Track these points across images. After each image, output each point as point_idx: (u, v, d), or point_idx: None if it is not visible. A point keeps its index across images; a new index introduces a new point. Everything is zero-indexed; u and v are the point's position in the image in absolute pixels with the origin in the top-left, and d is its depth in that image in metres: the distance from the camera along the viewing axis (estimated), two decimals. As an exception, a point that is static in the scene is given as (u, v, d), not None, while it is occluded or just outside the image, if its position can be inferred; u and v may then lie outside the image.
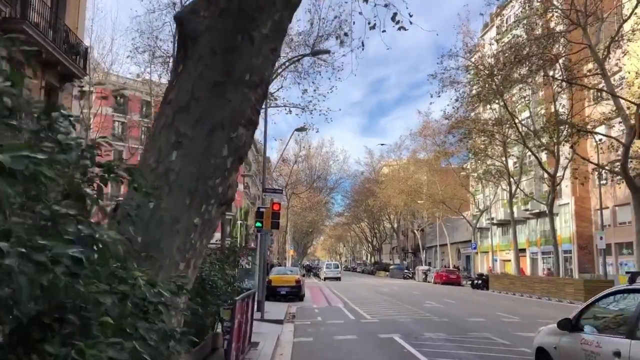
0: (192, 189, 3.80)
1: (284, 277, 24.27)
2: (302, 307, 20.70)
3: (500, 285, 35.97)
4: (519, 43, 25.57)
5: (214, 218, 4.01)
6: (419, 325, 14.67)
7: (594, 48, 25.09)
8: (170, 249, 3.77)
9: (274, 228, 15.98)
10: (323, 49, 19.01)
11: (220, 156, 3.94)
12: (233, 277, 9.75)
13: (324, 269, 57.44)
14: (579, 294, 25.31)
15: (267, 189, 16.80)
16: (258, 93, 4.03)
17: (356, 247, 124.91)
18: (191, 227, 3.84)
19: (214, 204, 3.97)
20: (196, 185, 3.82)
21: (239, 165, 4.06)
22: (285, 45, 26.30)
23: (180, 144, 3.87)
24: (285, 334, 13.08)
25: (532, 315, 18.38)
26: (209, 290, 7.47)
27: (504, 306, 22.70)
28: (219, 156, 3.93)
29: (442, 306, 21.61)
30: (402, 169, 62.72)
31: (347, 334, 12.84)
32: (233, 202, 18.38)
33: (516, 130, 33.45)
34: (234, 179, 4.02)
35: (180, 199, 3.81)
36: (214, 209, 3.98)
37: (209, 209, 3.96)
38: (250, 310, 9.92)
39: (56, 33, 16.97)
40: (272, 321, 15.29)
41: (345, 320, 16.11)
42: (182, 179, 3.80)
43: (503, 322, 15.59)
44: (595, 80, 27.52)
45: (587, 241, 41.30)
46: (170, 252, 3.78)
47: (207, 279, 7.49)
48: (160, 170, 3.82)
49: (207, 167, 3.87)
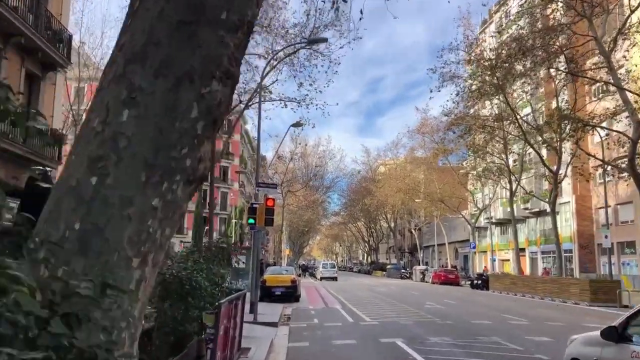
0: (149, 160, 2.83)
1: (279, 277, 23.36)
2: (297, 309, 19.79)
3: (500, 286, 35.14)
4: (523, 35, 24.74)
5: (179, 200, 3.05)
6: (422, 328, 13.78)
7: (600, 40, 24.32)
8: (119, 239, 2.78)
9: (267, 225, 15.07)
10: (320, 37, 18.15)
11: (187, 118, 2.99)
12: (221, 277, 8.82)
13: (321, 269, 56.73)
14: (584, 295, 24.50)
15: (261, 183, 15.87)
16: (238, 37, 3.04)
17: (352, 247, 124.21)
18: (148, 210, 2.87)
19: (179, 181, 3.00)
20: (155, 156, 2.85)
21: (214, 131, 3.11)
22: (280, 38, 25.46)
23: (134, 100, 2.90)
24: (280, 338, 12.17)
25: (540, 317, 17.52)
26: (190, 291, 6.56)
27: (507, 307, 21.85)
28: (186, 118, 2.97)
29: (444, 307, 20.74)
30: (399, 167, 61.93)
31: (346, 338, 11.93)
32: (228, 200, 17.24)
33: (518, 127, 32.62)
34: (207, 150, 3.08)
35: (133, 174, 2.83)
36: (180, 188, 3.01)
37: (172, 188, 2.98)
38: (240, 313, 9.01)
39: (37, 19, 16.01)
40: (265, 324, 14.39)
41: (344, 323, 15.21)
42: (136, 147, 2.82)
43: (511, 325, 14.70)
44: (600, 74, 26.72)
45: (588, 240, 40.64)
46: (119, 244, 2.79)
47: (190, 279, 6.57)
48: (106, 135, 2.84)
49: (170, 133, 2.91)
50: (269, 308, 18.26)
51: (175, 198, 2.98)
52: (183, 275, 6.44)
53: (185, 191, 3.00)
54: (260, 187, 15.54)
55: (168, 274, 6.28)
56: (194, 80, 2.99)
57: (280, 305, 19.82)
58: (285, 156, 50.42)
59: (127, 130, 2.87)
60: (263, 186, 15.63)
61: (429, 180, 55.83)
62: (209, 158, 3.10)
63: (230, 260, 10.92)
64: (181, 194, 2.98)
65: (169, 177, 2.98)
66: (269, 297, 21.77)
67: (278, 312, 17.15)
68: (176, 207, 2.99)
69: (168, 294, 6.30)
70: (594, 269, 38.91)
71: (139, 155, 2.88)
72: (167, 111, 2.96)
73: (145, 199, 2.90)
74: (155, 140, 2.91)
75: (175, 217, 2.97)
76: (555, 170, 32.00)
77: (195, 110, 3.03)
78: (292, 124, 29.79)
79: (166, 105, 2.95)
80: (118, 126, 2.85)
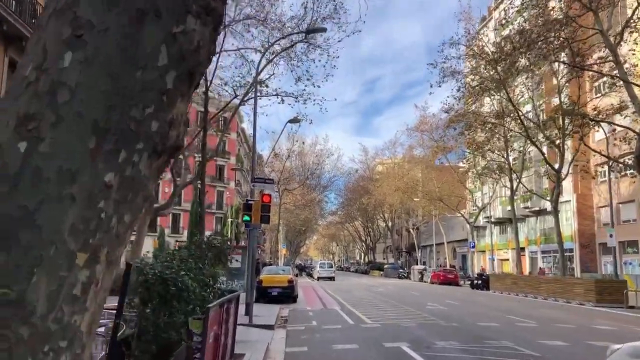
0: (100, 121, 2.04)
1: (275, 277, 22.61)
2: (295, 310, 19.06)
3: (501, 286, 34.48)
4: (527, 29, 24.06)
5: (143, 176, 2.26)
6: (427, 331, 13.06)
7: (606, 33, 23.68)
8: (58, 228, 1.94)
9: (263, 222, 14.31)
10: (319, 26, 17.39)
11: (153, 66, 2.18)
12: (212, 277, 8.09)
13: (318, 269, 56.09)
14: (589, 295, 23.85)
15: (257, 178, 15.12)
16: (220, -43, 2.19)
17: (349, 247, 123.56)
18: (99, 189, 2.05)
19: (142, 150, 2.20)
20: (108, 116, 2.06)
21: (190, 87, 2.35)
22: (277, 31, 24.69)
23: (79, 40, 2.10)
24: (276, 342, 11.43)
25: (547, 318, 16.82)
26: (176, 294, 5.82)
27: (511, 308, 21.17)
28: (151, 66, 2.17)
29: (446, 308, 20.04)
30: (398, 166, 61.29)
31: (347, 342, 11.19)
32: (224, 199, 16.09)
33: (520, 123, 31.97)
34: (182, 112, 2.31)
35: (77, 139, 2.01)
36: (143, 161, 2.21)
37: (133, 160, 2.17)
38: (233, 316, 8.27)
39: (21, 5, 15.22)
40: (261, 326, 13.65)
41: (344, 325, 14.47)
42: (82, 103, 2.02)
43: (519, 328, 13.98)
44: (605, 68, 26.08)
45: (589, 239, 40.10)
46: (58, 235, 1.95)
47: (175, 281, 5.83)
48: (42, 86, 2.04)
49: (130, 85, 2.11)
50: (265, 309, 17.53)
51: (137, 173, 2.21)
52: (168, 276, 5.70)
53: (151, 165, 2.23)
54: (256, 182, 14.80)
55: (151, 274, 5.54)
56: (161, 15, 2.20)
57: (277, 306, 19.09)
58: (283, 153, 49.71)
59: (69, 80, 2.08)
60: (259, 182, 14.89)
61: (428, 178, 55.24)
62: (185, 123, 2.35)
63: (223, 259, 10.14)
64: (145, 168, 2.20)
65: (128, 144, 2.19)
66: (265, 297, 21.07)
67: (275, 314, 16.42)
68: (139, 186, 2.22)
69: (151, 296, 5.56)
70: (595, 268, 38.36)
71: (85, 114, 2.11)
72: (124, 55, 2.17)
73: (94, 174, 2.11)
74: (109, 94, 2.14)
75: (138, 199, 2.21)
76: (558, 168, 31.38)
77: (164, 55, 2.23)
78: (289, 120, 29.09)
79: (124, 47, 2.16)
80: (58, 74, 2.06)
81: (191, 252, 7.53)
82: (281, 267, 29.52)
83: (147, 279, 5.48)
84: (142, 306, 5.53)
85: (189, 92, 2.32)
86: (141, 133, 2.12)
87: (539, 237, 45.41)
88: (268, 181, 15.38)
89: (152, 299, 5.63)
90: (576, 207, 40.50)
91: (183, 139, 2.42)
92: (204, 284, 7.86)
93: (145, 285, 5.54)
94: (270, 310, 17.29)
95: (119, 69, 2.07)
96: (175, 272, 5.95)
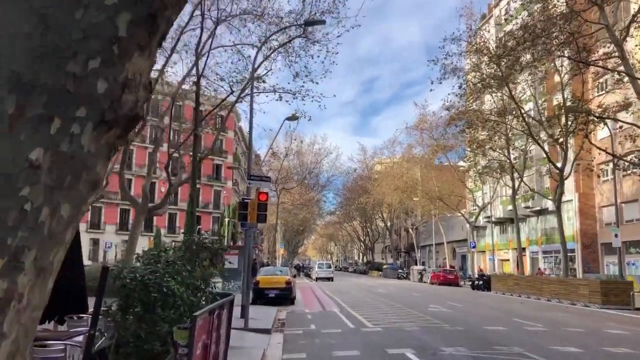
0: (23, 75, 1.33)
1: (273, 277, 21.98)
2: (293, 312, 18.43)
3: (503, 286, 33.90)
4: (531, 24, 23.48)
5: (87, 154, 1.61)
6: (431, 335, 12.43)
7: (612, 28, 23.13)
8: None
9: (260, 221, 13.68)
10: (318, 19, 16.78)
11: (99, 5, 1.51)
12: (204, 280, 7.46)
13: (316, 269, 55.53)
14: (594, 297, 23.26)
15: (253, 176, 14.46)
16: None
17: (348, 247, 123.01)
18: (21, 170, 1.33)
19: (84, 119, 1.55)
20: (34, 68, 1.36)
21: (153, 38, 1.71)
22: (274, 25, 24.05)
23: None
24: (273, 348, 10.80)
25: (556, 321, 16.21)
26: (160, 300, 5.19)
27: (516, 310, 20.58)
28: (96, 5, 1.49)
29: (450, 310, 19.43)
30: (397, 165, 60.73)
31: (348, 349, 10.55)
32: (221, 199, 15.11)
33: (522, 121, 31.40)
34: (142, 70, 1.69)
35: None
36: (87, 133, 1.57)
37: (72, 131, 1.50)
38: (225, 322, 7.64)
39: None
40: (257, 330, 13.02)
41: (344, 329, 13.84)
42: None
43: (529, 332, 13.36)
44: (610, 64, 25.50)
45: (591, 239, 39.58)
46: None
47: (159, 285, 5.20)
48: None
49: (67, 28, 1.40)
50: (261, 312, 16.91)
51: (78, 150, 1.59)
52: (150, 280, 5.07)
53: (98, 139, 1.62)
54: (252, 180, 14.16)
55: (129, 279, 4.91)
56: None
57: (274, 308, 18.46)
58: (280, 151, 49.11)
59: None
60: (255, 179, 14.25)
61: (427, 177, 54.68)
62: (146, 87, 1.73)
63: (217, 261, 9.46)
64: (89, 143, 1.60)
65: (64, 110, 1.57)
66: (262, 299, 20.47)
67: (272, 317, 15.79)
68: (80, 167, 1.59)
69: (130, 304, 4.94)
70: (597, 269, 37.83)
71: (1, 65, 1.51)
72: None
73: (14, 149, 1.48)
74: (36, 39, 1.53)
75: (81, 185, 1.58)
76: (561, 167, 30.83)
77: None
78: (287, 117, 28.45)
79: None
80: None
81: (179, 254, 6.87)
82: (279, 267, 28.89)
83: (124, 284, 4.87)
84: (121, 315, 4.91)
85: (151, 44, 1.68)
86: (82, 95, 1.51)
87: (540, 237, 44.89)
88: (265, 179, 14.74)
89: (132, 306, 5.00)
90: (578, 206, 39.98)
91: (143, 107, 1.78)
92: (194, 288, 7.24)
93: (123, 292, 4.92)
94: (267, 313, 16.67)
95: (52, 6, 1.46)
96: (160, 276, 5.32)
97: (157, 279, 5.20)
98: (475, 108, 33.88)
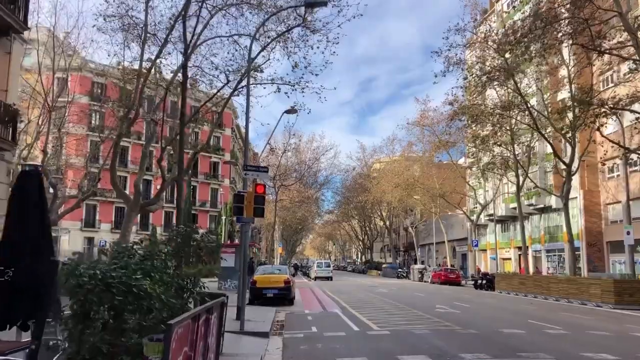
0: None
1: (271, 277, 20.86)
2: (292, 313, 17.32)
3: (508, 286, 32.83)
4: (542, 10, 22.44)
5: None
6: (444, 339, 11.34)
7: (625, 16, 22.14)
8: None
9: (257, 215, 12.56)
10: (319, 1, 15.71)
11: None
12: (191, 279, 6.37)
13: (315, 268, 54.45)
14: (607, 296, 22.19)
15: (250, 166, 13.36)
16: None
17: (346, 246, 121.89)
18: None
19: None
20: None
21: None
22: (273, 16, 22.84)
23: None
24: (271, 354, 9.69)
25: (576, 323, 15.08)
26: (130, 303, 4.09)
27: (527, 311, 19.50)
28: None
29: (458, 311, 18.34)
30: (396, 163, 59.61)
31: (355, 355, 9.45)
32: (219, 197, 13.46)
33: (528, 114, 30.33)
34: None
35: None
36: None
37: None
38: (215, 328, 6.55)
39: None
40: (254, 334, 11.89)
41: (348, 332, 12.73)
42: None
43: (549, 336, 12.25)
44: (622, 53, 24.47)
45: (596, 238, 38.58)
46: None
47: (126, 286, 4.10)
48: None
49: None
50: (259, 312, 15.81)
51: None
52: (114, 280, 3.96)
53: None
54: (248, 170, 13.05)
55: (87, 276, 3.81)
56: None
57: (273, 309, 17.35)
58: (278, 147, 47.95)
59: None
60: (252, 170, 13.14)
61: (428, 175, 53.57)
62: None
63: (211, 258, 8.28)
64: None
65: None
66: (259, 299, 19.38)
67: (270, 318, 14.68)
68: None
69: (87, 310, 3.84)
70: (602, 268, 36.84)
71: None
72: None
73: None
74: None
75: None
76: (569, 162, 29.81)
77: None
78: (285, 111, 27.33)
79: None
80: None
81: (155, 248, 5.75)
82: (277, 266, 27.71)
83: (80, 283, 3.76)
84: (75, 324, 3.82)
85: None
86: None
87: (543, 235, 43.87)
88: (262, 169, 13.61)
89: (89, 312, 3.91)
90: (583, 204, 38.94)
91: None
92: (179, 288, 6.15)
93: (79, 293, 3.83)
94: (264, 314, 15.56)
95: None
96: (128, 273, 4.22)
97: (124, 278, 4.10)
98: (479, 102, 32.83)
